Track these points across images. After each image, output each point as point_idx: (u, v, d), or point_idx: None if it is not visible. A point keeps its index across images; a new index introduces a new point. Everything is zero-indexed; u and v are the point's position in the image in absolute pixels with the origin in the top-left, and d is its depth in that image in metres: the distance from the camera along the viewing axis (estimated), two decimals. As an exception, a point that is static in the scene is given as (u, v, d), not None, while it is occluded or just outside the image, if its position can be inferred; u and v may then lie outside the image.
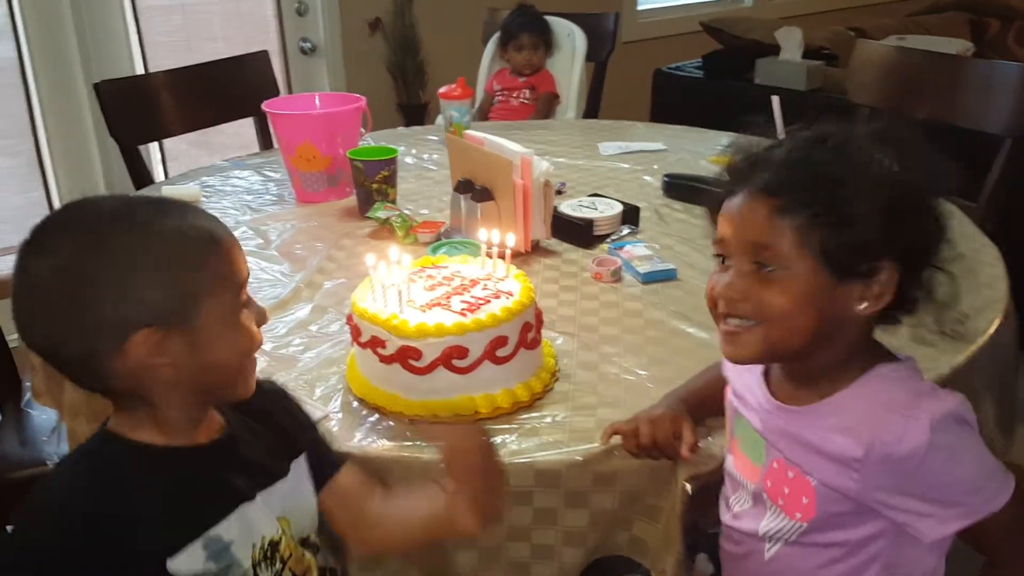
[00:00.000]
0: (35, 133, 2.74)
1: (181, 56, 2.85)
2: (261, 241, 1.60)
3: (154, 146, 2.88)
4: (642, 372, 1.14)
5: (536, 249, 1.51)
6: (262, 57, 2.29)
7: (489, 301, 1.08)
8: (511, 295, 1.10)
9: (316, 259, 1.51)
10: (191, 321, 0.77)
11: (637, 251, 1.47)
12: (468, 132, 1.58)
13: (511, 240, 1.16)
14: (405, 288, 1.08)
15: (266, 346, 1.22)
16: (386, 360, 1.04)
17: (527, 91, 2.76)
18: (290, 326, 1.28)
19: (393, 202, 1.69)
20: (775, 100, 1.50)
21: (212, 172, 1.98)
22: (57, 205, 2.86)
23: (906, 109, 2.00)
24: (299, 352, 1.21)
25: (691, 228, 1.61)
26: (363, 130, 1.89)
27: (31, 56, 2.64)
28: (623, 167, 1.97)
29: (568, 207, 1.59)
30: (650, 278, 1.40)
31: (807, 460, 0.82)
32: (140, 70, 2.86)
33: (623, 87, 3.56)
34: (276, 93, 2.30)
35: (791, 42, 3.53)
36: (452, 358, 1.03)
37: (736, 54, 3.66)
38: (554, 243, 1.55)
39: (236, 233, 1.64)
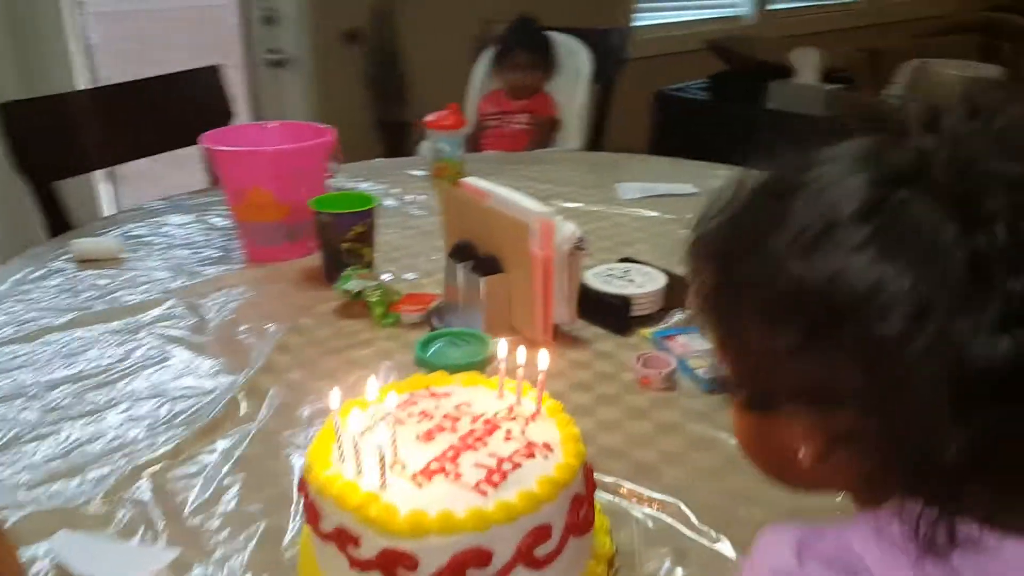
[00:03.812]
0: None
1: (134, 69, 2.47)
2: (195, 321, 1.21)
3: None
4: (724, 547, 0.78)
5: (557, 337, 1.15)
6: (211, 73, 1.90)
7: (519, 464, 0.71)
8: (549, 449, 0.73)
9: (264, 349, 1.13)
10: None
11: (693, 343, 1.11)
12: (468, 181, 1.21)
13: (544, 361, 0.79)
14: (389, 444, 0.71)
15: (172, 512, 0.84)
16: (361, 566, 0.67)
17: (524, 116, 2.41)
18: (217, 471, 0.90)
19: (369, 267, 1.32)
20: None
21: (142, 217, 1.59)
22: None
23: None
24: (224, 526, 0.82)
25: (754, 306, 1.25)
26: (334, 164, 1.52)
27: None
28: (650, 215, 1.61)
29: (596, 278, 1.23)
30: (717, 386, 1.03)
31: None
32: (84, 85, 2.46)
33: (618, 109, 3.24)
34: (228, 115, 1.92)
35: (807, 64, 3.23)
36: (468, 566, 0.65)
37: (745, 75, 3.35)
38: (579, 327, 1.18)
39: (162, 308, 1.28)
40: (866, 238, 0.45)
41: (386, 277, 1.33)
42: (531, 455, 0.72)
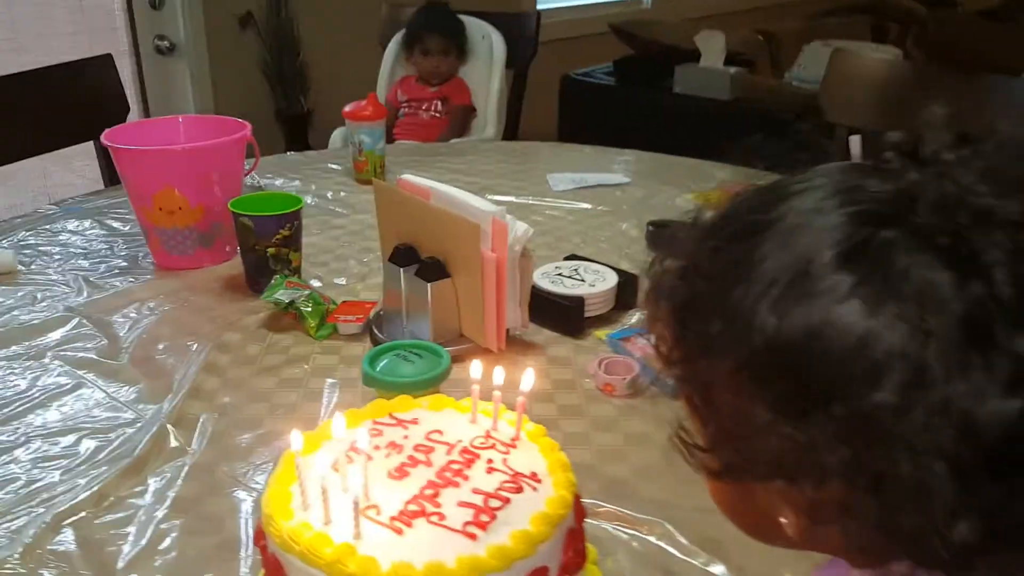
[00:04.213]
0: None
1: (6, 60, 2.27)
2: (105, 343, 1.09)
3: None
4: (717, 568, 0.74)
5: (510, 344, 1.08)
6: (103, 63, 1.75)
7: (507, 500, 0.64)
8: (537, 480, 0.67)
9: (188, 371, 1.03)
10: None
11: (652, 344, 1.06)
12: (406, 178, 1.13)
13: (528, 381, 0.73)
14: (361, 487, 0.63)
15: (103, 566, 0.74)
16: (338, 626, 0.59)
17: (438, 102, 2.33)
18: (151, 516, 0.80)
19: (297, 273, 1.22)
20: (855, 140, 1.10)
21: (33, 223, 1.45)
22: None
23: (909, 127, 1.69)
24: None
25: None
26: (246, 165, 1.41)
27: None
28: (584, 208, 1.56)
29: (544, 277, 1.17)
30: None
31: None
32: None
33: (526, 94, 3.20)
34: (123, 110, 1.77)
35: (713, 48, 3.24)
36: (459, 621, 0.59)
37: (650, 59, 3.36)
38: (530, 331, 1.12)
39: (67, 328, 1.14)
40: (849, 287, 0.39)
41: (315, 284, 1.23)
42: (519, 488, 0.66)
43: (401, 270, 1.09)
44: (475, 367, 0.74)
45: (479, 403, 0.74)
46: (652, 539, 0.77)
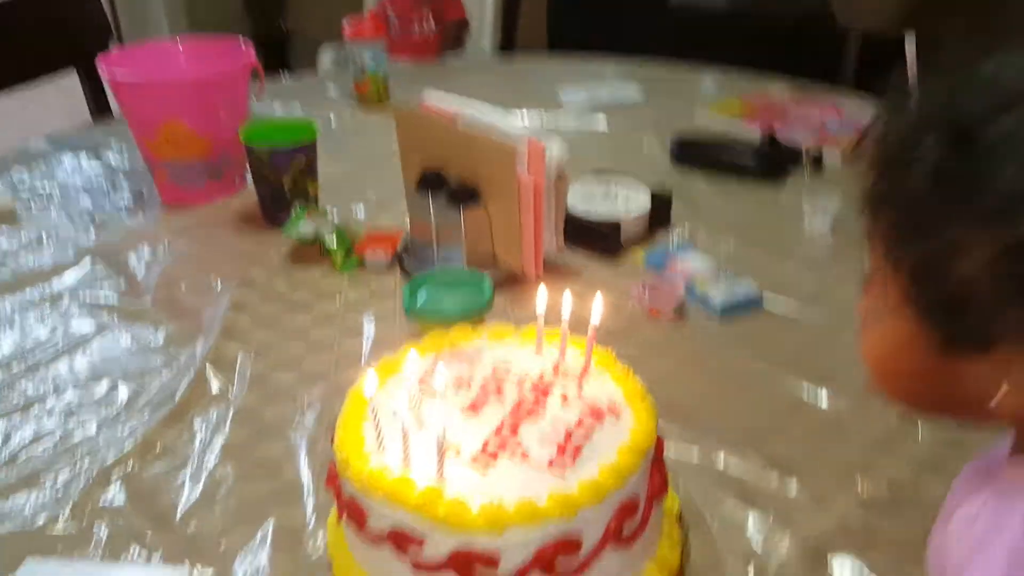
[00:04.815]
0: None
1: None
2: (124, 282, 1.05)
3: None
4: (792, 486, 0.72)
5: (546, 269, 1.05)
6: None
7: (590, 432, 0.62)
8: (616, 410, 0.64)
9: (216, 310, 0.99)
10: None
11: (695, 264, 1.04)
12: (430, 100, 1.08)
13: (597, 310, 0.70)
14: (441, 426, 0.60)
15: (160, 518, 0.71)
16: (429, 569, 0.57)
17: (430, 18, 2.23)
18: (202, 463, 0.77)
19: (315, 203, 1.17)
20: (910, 41, 1.05)
21: (25, 160, 1.38)
22: None
23: (932, 31, 1.63)
24: (226, 530, 0.70)
25: (731, 212, 1.19)
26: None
27: None
28: (601, 126, 1.51)
29: (577, 197, 1.13)
30: (730, 310, 0.97)
31: None
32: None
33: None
34: (106, 34, 1.68)
35: (707, -48, 3.12)
36: (557, 555, 0.57)
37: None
38: (566, 256, 1.08)
39: (81, 270, 1.10)
40: None
41: (333, 216, 1.18)
42: (599, 420, 0.63)
43: (430, 197, 1.04)
44: (541, 295, 0.71)
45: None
46: (721, 461, 0.75)
